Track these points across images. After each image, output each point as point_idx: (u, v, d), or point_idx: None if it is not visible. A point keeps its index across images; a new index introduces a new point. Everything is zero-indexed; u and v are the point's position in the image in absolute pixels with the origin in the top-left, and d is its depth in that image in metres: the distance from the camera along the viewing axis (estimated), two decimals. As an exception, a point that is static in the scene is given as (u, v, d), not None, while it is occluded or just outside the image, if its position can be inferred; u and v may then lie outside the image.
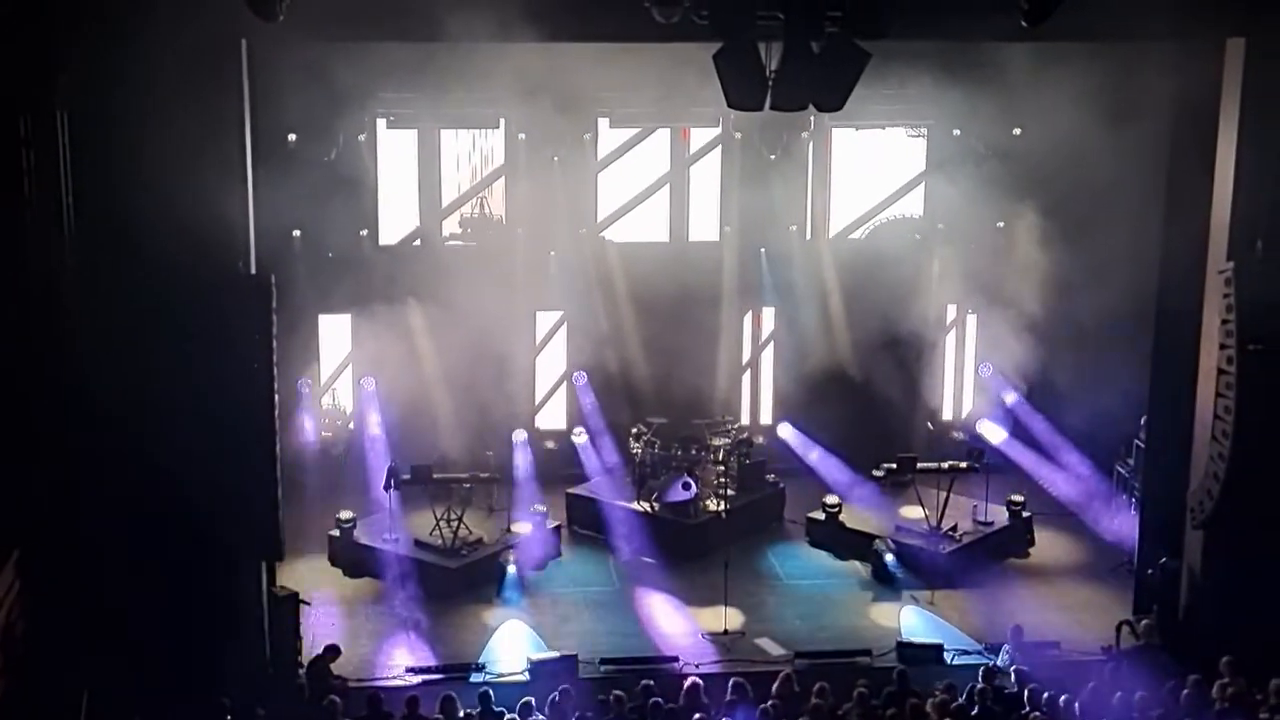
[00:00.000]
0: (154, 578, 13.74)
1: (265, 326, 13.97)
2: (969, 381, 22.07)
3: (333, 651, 14.78)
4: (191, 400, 13.51)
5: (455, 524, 18.05)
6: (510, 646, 16.14)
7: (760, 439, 20.66)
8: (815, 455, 20.41)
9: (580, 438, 20.67)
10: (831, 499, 19.17)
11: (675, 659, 15.64)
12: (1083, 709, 12.82)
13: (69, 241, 13.27)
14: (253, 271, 14.30)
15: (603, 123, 20.53)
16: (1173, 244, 15.73)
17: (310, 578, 17.38)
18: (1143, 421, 17.40)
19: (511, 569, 17.52)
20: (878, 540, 18.19)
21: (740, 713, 12.86)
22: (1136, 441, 18.17)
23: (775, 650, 16.07)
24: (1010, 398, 20.99)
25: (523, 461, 19.83)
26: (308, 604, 15.94)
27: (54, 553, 13.54)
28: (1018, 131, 19.77)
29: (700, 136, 20.89)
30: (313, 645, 15.36)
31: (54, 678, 13.36)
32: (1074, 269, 19.34)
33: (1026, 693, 13.26)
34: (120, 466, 13.55)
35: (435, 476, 18.31)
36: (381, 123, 19.88)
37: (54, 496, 13.50)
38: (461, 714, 12.97)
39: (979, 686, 13.35)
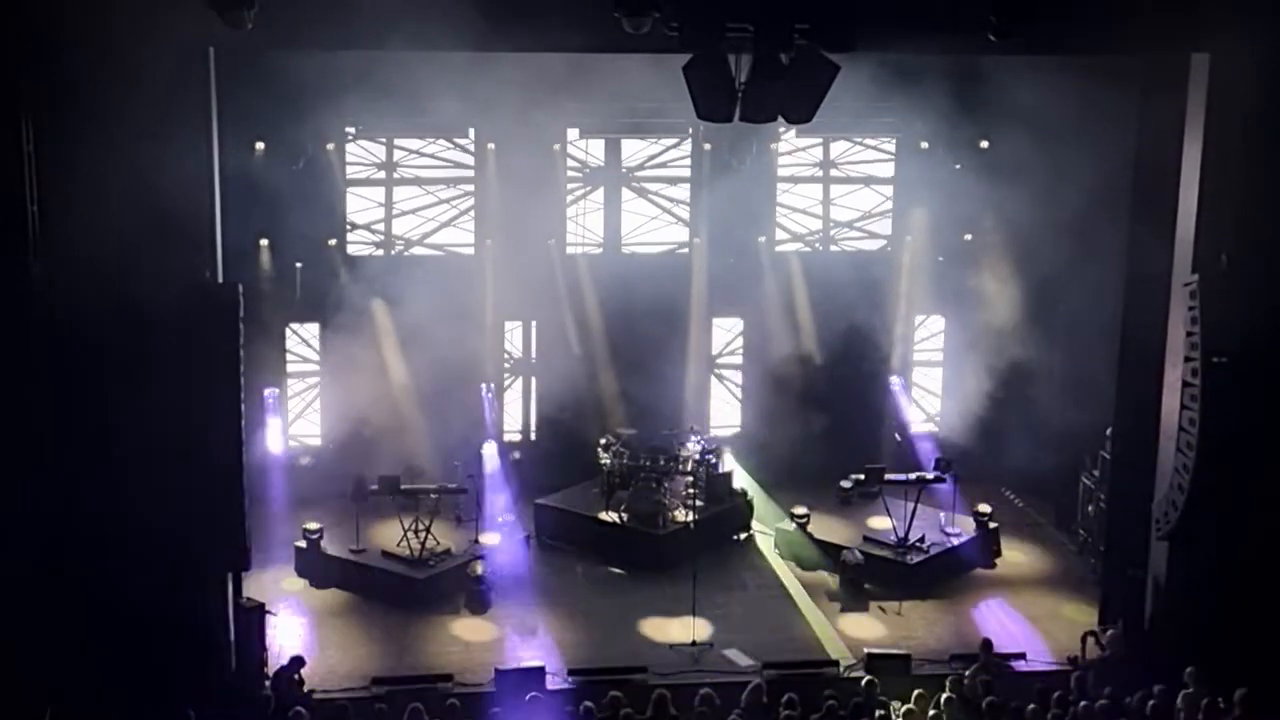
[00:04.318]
0: (119, 589, 13.60)
1: (232, 336, 13.89)
2: (937, 392, 22.15)
3: (298, 662, 14.70)
4: (157, 410, 13.41)
5: (423, 535, 17.98)
6: (477, 657, 16.05)
7: (727, 449, 20.66)
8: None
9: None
10: (800, 509, 19.19)
11: (643, 670, 15.60)
12: (1048, 720, 12.87)
13: (34, 249, 13.14)
14: (220, 280, 14.23)
15: (572, 133, 20.54)
16: (1138, 257, 15.84)
17: (276, 588, 17.30)
18: (1108, 433, 17.49)
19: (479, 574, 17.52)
20: (846, 551, 18.21)
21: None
22: (1102, 453, 18.25)
23: (743, 661, 16.06)
24: (977, 409, 21.04)
25: (490, 472, 19.77)
26: (273, 615, 15.85)
27: (16, 563, 13.40)
28: (985, 145, 19.88)
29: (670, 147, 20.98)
30: (278, 656, 15.27)
31: (16, 691, 13.20)
32: (1041, 280, 19.46)
33: (989, 704, 13.28)
34: (84, 475, 13.42)
35: (403, 487, 18.22)
36: (350, 131, 19.84)
37: (16, 506, 13.37)
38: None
39: (946, 697, 13.39)
